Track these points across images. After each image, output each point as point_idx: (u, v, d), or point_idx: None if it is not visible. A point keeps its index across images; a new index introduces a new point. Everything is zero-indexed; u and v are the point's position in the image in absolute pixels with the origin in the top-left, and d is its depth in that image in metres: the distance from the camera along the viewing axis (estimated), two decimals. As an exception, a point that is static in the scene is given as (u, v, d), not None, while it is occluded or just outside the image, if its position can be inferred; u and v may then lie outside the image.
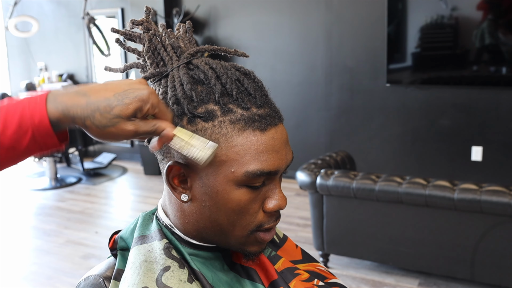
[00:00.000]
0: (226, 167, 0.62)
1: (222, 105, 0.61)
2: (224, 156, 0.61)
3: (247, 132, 0.61)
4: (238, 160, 0.61)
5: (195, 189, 0.64)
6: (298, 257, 0.79)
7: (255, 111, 0.62)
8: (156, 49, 0.68)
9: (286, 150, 0.65)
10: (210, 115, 0.61)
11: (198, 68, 0.65)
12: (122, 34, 0.71)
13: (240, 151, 0.61)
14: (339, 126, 4.51)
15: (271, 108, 0.65)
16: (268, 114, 0.63)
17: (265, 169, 0.62)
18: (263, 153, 0.62)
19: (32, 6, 6.11)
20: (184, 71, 0.64)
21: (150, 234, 0.68)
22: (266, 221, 0.66)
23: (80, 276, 2.94)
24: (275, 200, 0.65)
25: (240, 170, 0.61)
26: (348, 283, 2.75)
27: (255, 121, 0.62)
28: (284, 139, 0.65)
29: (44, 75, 5.90)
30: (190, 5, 5.00)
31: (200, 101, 0.62)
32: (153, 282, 0.62)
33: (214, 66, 0.64)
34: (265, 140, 0.62)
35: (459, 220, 2.46)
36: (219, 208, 0.64)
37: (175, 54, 0.67)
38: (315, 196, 2.82)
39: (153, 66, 0.68)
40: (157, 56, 0.68)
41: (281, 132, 0.64)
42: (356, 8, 4.23)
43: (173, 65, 0.66)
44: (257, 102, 0.63)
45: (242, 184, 0.62)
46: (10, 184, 5.08)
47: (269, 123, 0.63)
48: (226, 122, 0.61)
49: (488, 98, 3.83)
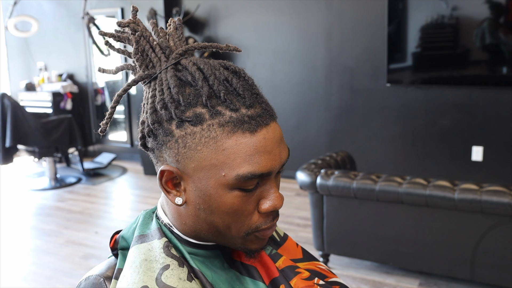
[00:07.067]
0: (217, 170, 0.61)
1: (210, 107, 0.60)
2: (214, 159, 0.60)
3: (236, 134, 0.60)
4: (229, 163, 0.60)
5: (188, 193, 0.64)
6: (299, 255, 0.79)
7: (244, 112, 0.60)
8: (144, 50, 0.67)
9: (279, 149, 0.63)
10: (198, 118, 0.60)
11: (186, 69, 0.64)
12: (110, 36, 0.69)
13: (230, 154, 0.60)
14: (339, 126, 4.51)
15: (262, 107, 0.63)
16: (259, 114, 0.61)
17: (256, 172, 0.61)
18: (254, 155, 0.60)
19: (31, 6, 6.10)
20: (172, 73, 0.63)
21: (150, 232, 0.68)
22: (263, 222, 0.65)
23: (80, 276, 2.94)
24: (270, 200, 0.64)
25: (231, 174, 0.60)
26: (348, 283, 2.74)
27: (244, 122, 0.60)
28: (277, 138, 0.63)
29: (43, 75, 5.89)
30: (190, 5, 5.00)
31: (187, 104, 0.61)
32: (153, 281, 0.61)
33: (202, 67, 0.63)
34: (256, 142, 0.60)
35: (460, 220, 2.46)
36: (213, 211, 0.63)
37: (164, 54, 0.66)
38: (315, 196, 2.82)
39: (142, 68, 0.67)
40: (145, 57, 0.67)
41: (273, 131, 0.62)
42: (356, 8, 4.23)
43: (161, 67, 0.65)
44: (247, 102, 0.61)
45: (234, 187, 0.62)
46: (10, 184, 5.07)
47: (259, 124, 0.61)
48: (215, 125, 0.60)
49: (488, 98, 3.82)
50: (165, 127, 0.62)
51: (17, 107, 4.58)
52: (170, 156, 0.63)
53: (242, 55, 4.86)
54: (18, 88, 6.28)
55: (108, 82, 6.09)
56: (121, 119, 5.95)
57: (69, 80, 5.96)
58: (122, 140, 5.94)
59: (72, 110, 5.71)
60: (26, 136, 4.62)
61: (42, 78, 5.88)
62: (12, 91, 6.50)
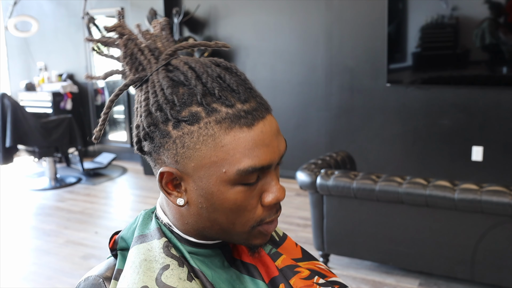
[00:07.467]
0: (217, 167, 0.61)
1: (206, 105, 0.60)
2: (214, 157, 0.60)
3: (234, 130, 0.60)
4: (229, 159, 0.60)
5: (190, 193, 0.64)
6: (298, 255, 0.79)
7: (240, 107, 0.61)
8: (133, 53, 0.66)
9: (277, 141, 0.64)
10: (194, 117, 0.60)
11: (177, 69, 0.63)
12: (97, 42, 0.69)
13: (229, 150, 0.60)
14: (339, 126, 4.51)
15: (256, 100, 0.63)
16: (254, 108, 0.62)
17: (257, 165, 0.61)
18: (253, 149, 0.60)
19: (31, 6, 6.10)
20: (164, 74, 0.63)
21: (150, 233, 0.68)
22: (267, 215, 0.66)
23: (80, 276, 2.93)
24: (272, 193, 0.64)
25: (232, 169, 0.60)
26: (348, 283, 2.74)
27: (241, 117, 0.60)
28: (274, 130, 0.63)
29: (43, 75, 5.89)
30: (190, 5, 5.00)
31: (182, 104, 0.61)
32: (153, 281, 0.61)
33: (193, 65, 0.63)
34: (254, 136, 0.60)
35: (460, 220, 2.46)
36: (216, 209, 0.63)
37: (153, 56, 0.66)
38: (315, 196, 2.81)
39: (132, 71, 0.67)
40: (135, 60, 0.66)
41: (269, 124, 0.63)
42: (356, 8, 4.23)
43: (152, 69, 0.65)
44: (241, 97, 0.61)
45: (236, 182, 0.62)
46: (10, 184, 5.07)
47: (256, 117, 0.61)
48: (211, 122, 0.60)
49: (488, 98, 3.82)
50: (162, 128, 0.62)
51: (17, 107, 4.58)
52: (169, 157, 0.63)
53: (242, 55, 4.86)
54: (18, 88, 6.27)
55: (108, 82, 6.09)
56: (121, 119, 5.95)
57: (69, 80, 5.96)
58: (122, 140, 5.94)
59: (72, 110, 5.71)
60: (26, 136, 4.62)
61: (42, 78, 5.88)
62: (12, 91, 6.50)
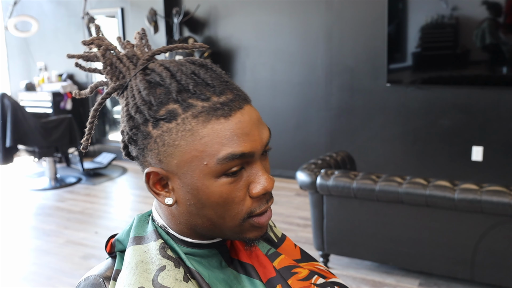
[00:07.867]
0: (198, 161, 0.61)
1: (182, 101, 0.61)
2: (194, 151, 0.61)
3: (211, 122, 0.61)
4: (208, 151, 0.61)
5: (177, 191, 0.64)
6: (297, 256, 0.79)
7: (216, 100, 0.61)
8: (112, 63, 0.68)
9: (258, 130, 0.64)
10: (171, 114, 0.61)
11: (154, 72, 0.65)
12: (79, 57, 0.71)
13: (208, 142, 0.61)
14: (339, 126, 4.51)
15: (233, 92, 0.63)
16: (231, 100, 0.62)
17: (236, 152, 0.61)
18: (232, 137, 0.61)
19: (31, 6, 6.10)
20: (141, 78, 0.65)
21: (146, 235, 0.68)
22: (257, 206, 0.65)
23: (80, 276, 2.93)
24: (259, 184, 0.64)
25: (212, 160, 0.61)
26: (348, 283, 2.74)
27: (217, 109, 0.61)
28: (254, 120, 0.64)
29: (43, 75, 5.89)
30: (190, 5, 5.00)
31: (159, 103, 0.62)
32: (149, 282, 0.62)
33: (168, 66, 0.64)
34: (231, 126, 0.61)
35: (460, 220, 2.46)
36: (204, 204, 0.64)
37: (132, 63, 0.67)
38: (315, 196, 2.82)
39: (113, 80, 0.68)
40: (115, 69, 0.68)
41: (248, 113, 0.63)
42: (356, 8, 4.23)
43: (130, 75, 0.66)
44: (217, 91, 0.62)
45: (219, 174, 0.62)
46: (10, 184, 5.07)
47: (233, 108, 0.62)
48: (189, 117, 0.61)
49: (488, 98, 3.82)
50: (142, 130, 0.63)
51: (17, 107, 4.58)
52: (153, 157, 0.64)
53: (242, 55, 4.86)
54: (18, 88, 6.28)
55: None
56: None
57: (69, 80, 5.96)
58: (122, 140, 5.94)
59: (72, 110, 5.71)
60: (26, 136, 4.63)
61: (42, 78, 5.88)
62: (12, 91, 6.50)
